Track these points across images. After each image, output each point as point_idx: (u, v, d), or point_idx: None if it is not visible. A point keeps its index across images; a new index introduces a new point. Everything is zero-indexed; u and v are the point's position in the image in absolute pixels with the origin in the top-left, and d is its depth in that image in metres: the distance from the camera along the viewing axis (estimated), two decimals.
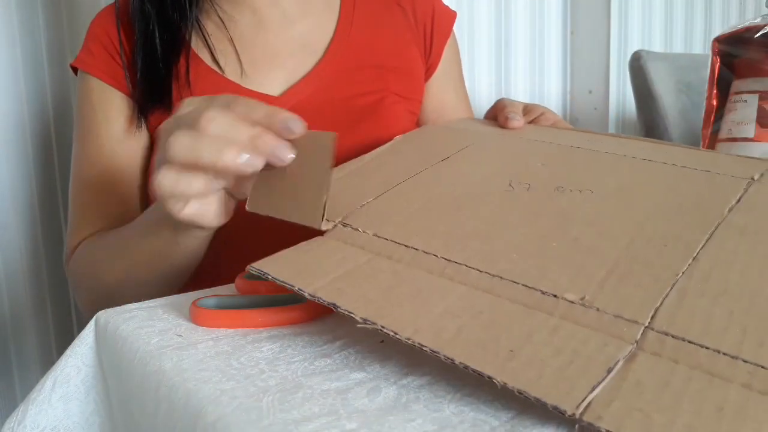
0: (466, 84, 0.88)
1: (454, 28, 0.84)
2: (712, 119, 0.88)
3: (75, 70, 0.73)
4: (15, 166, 0.94)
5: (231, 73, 0.70)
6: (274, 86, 0.71)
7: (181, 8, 0.69)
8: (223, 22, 0.71)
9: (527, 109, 0.71)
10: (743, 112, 0.84)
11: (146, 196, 0.73)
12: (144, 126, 0.71)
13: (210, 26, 0.72)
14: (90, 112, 0.71)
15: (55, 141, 0.96)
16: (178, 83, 0.68)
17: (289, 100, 0.70)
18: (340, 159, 0.61)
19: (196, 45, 0.71)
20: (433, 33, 0.81)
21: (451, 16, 0.83)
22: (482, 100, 1.52)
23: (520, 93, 1.59)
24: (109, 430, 0.46)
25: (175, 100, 0.68)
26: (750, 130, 0.83)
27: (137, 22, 0.68)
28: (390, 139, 0.72)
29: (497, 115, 0.69)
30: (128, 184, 0.71)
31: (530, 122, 0.70)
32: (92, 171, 0.70)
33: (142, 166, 0.73)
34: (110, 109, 0.70)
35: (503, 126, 0.66)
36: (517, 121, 0.65)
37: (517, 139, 0.62)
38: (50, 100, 0.96)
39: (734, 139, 0.84)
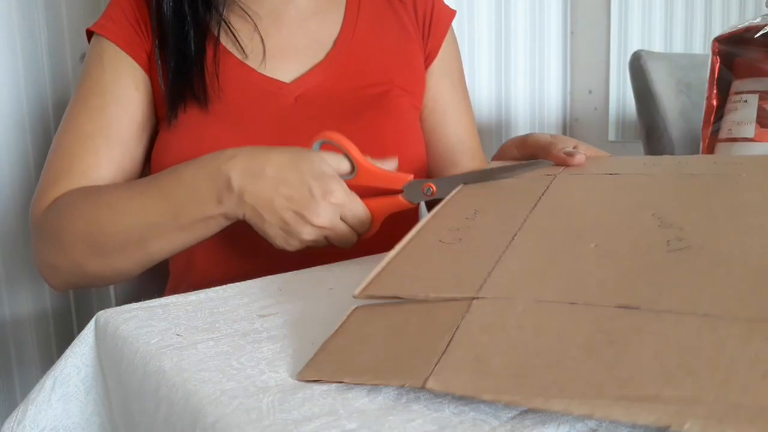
0: (466, 83, 0.88)
1: (455, 27, 0.85)
2: (712, 119, 0.88)
3: (89, 38, 0.74)
4: (15, 166, 0.94)
5: (252, 61, 0.73)
6: (287, 75, 0.74)
7: (212, 8, 0.72)
8: (250, 17, 0.75)
9: (558, 141, 0.68)
10: (743, 112, 0.84)
11: (141, 172, 0.73)
12: (155, 113, 0.73)
13: (233, 18, 0.74)
14: (99, 72, 0.70)
15: None
16: (208, 77, 0.70)
17: (298, 87, 0.73)
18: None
19: (222, 38, 0.73)
20: (431, 25, 0.83)
21: (449, 12, 0.85)
22: (482, 100, 1.52)
23: (520, 93, 1.59)
24: (109, 430, 0.46)
25: (205, 91, 0.69)
26: (750, 130, 0.83)
27: (171, 21, 0.69)
28: (396, 129, 0.73)
29: (542, 153, 0.66)
30: (126, 151, 0.70)
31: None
32: (90, 125, 0.68)
33: (146, 146, 0.73)
34: (122, 73, 0.70)
35: (563, 163, 0.64)
36: (580, 156, 0.63)
37: (596, 176, 0.58)
38: (50, 99, 0.96)
39: (734, 139, 0.84)
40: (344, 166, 0.58)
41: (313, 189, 0.55)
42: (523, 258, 0.42)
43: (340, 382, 0.33)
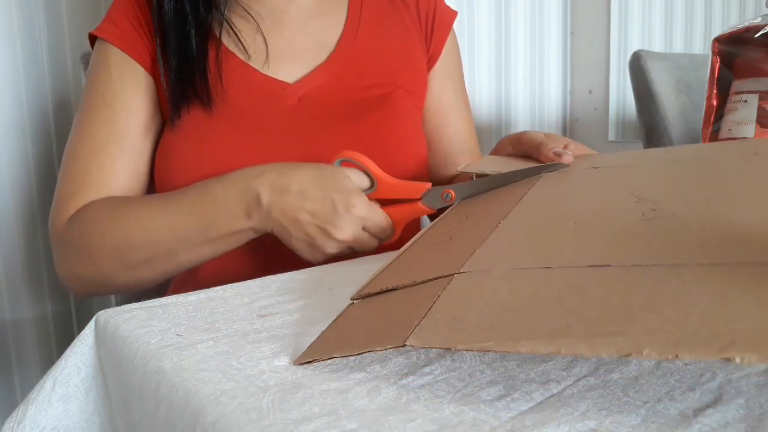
0: (466, 83, 0.88)
1: (455, 27, 0.85)
2: (712, 119, 0.89)
3: (92, 42, 0.74)
4: (15, 167, 0.94)
5: (255, 62, 0.74)
6: (290, 75, 0.74)
7: (214, 7, 0.72)
8: (252, 18, 0.75)
9: (550, 140, 0.68)
10: (743, 112, 0.84)
11: (152, 177, 0.73)
12: (160, 114, 0.72)
13: (235, 19, 0.74)
14: (106, 79, 0.70)
15: (55, 141, 0.96)
16: (211, 78, 0.70)
17: (301, 88, 0.73)
18: (349, 144, 0.63)
19: (224, 39, 0.73)
20: (434, 27, 0.83)
21: (451, 14, 0.86)
22: (482, 100, 1.52)
23: (520, 93, 1.59)
24: (109, 430, 0.46)
25: (208, 92, 0.69)
26: (750, 130, 0.83)
27: (172, 21, 0.69)
28: (399, 130, 0.74)
29: (534, 151, 0.66)
30: (139, 157, 0.70)
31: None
32: (103, 134, 0.69)
33: (153, 148, 0.73)
34: (128, 79, 0.70)
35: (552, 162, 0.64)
36: (568, 156, 0.64)
37: (586, 172, 0.60)
38: (50, 100, 0.96)
39: (734, 139, 0.84)
40: (365, 182, 0.61)
41: (336, 203, 0.58)
42: (503, 240, 0.44)
43: (331, 358, 0.34)
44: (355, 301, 0.42)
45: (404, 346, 0.31)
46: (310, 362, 0.35)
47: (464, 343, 0.30)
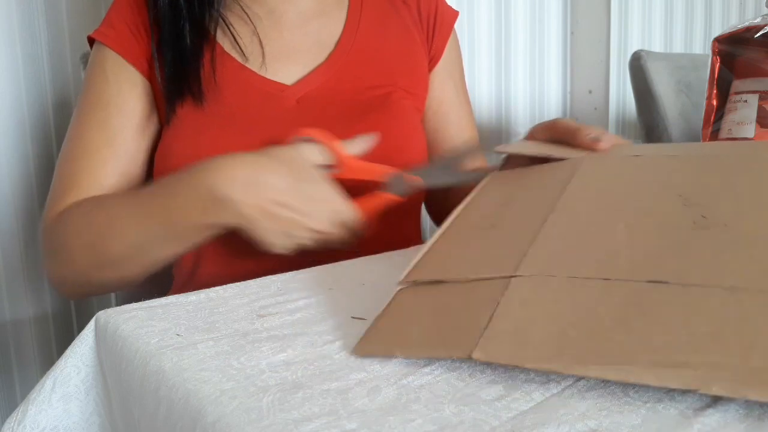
0: (466, 83, 0.88)
1: (455, 27, 0.85)
2: (712, 119, 0.89)
3: (91, 44, 0.74)
4: (15, 167, 0.94)
5: (252, 63, 0.73)
6: (288, 77, 0.74)
7: (209, 4, 0.71)
8: (249, 18, 0.74)
9: (584, 127, 0.66)
10: (743, 112, 0.84)
11: (145, 174, 0.73)
12: (156, 116, 0.72)
13: (232, 18, 0.74)
14: (102, 82, 0.71)
15: (55, 141, 0.96)
16: (204, 74, 0.70)
17: (300, 89, 0.73)
18: None
19: (220, 38, 0.73)
20: (435, 28, 0.83)
21: (452, 14, 0.85)
22: (482, 100, 1.52)
23: (520, 93, 1.59)
24: (109, 430, 0.46)
25: (200, 86, 0.69)
26: (750, 130, 0.83)
27: (167, 16, 0.69)
28: (399, 131, 0.73)
29: (570, 137, 0.65)
30: (131, 160, 0.70)
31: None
32: (97, 137, 0.69)
33: (149, 150, 0.73)
34: (124, 83, 0.71)
35: (588, 148, 0.62)
36: (605, 142, 0.62)
37: (623, 159, 0.59)
38: (50, 100, 0.96)
39: (734, 140, 0.84)
40: (324, 157, 0.61)
41: (309, 194, 0.57)
42: (555, 239, 0.44)
43: (393, 356, 0.35)
44: (401, 288, 0.42)
45: (470, 358, 0.32)
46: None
47: (531, 362, 0.31)
